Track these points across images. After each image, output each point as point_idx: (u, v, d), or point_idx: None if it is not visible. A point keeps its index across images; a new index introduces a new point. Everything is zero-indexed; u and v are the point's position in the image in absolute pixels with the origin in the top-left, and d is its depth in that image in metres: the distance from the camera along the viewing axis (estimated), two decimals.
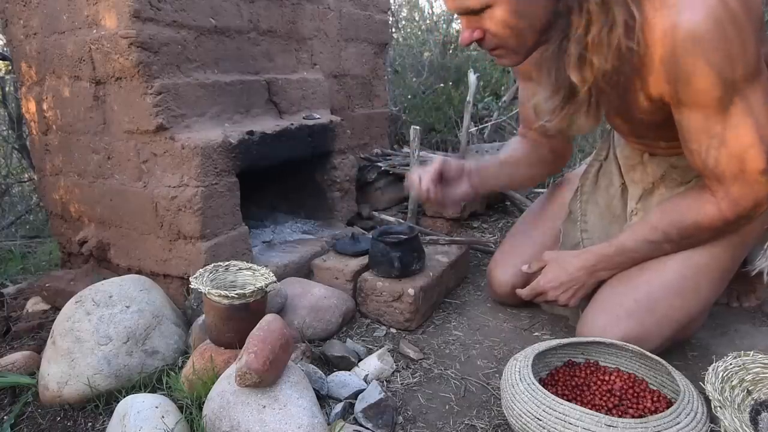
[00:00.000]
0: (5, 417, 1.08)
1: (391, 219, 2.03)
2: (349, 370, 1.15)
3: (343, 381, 1.10)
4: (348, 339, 1.31)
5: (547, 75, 1.00)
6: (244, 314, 1.09)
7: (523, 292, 1.29)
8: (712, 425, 0.83)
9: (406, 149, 2.60)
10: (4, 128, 3.93)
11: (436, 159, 1.27)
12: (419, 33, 4.69)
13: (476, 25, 0.95)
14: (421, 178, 1.23)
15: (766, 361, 0.90)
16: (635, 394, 0.95)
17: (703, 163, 0.99)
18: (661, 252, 1.11)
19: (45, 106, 1.60)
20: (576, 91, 0.97)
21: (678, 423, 0.79)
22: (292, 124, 1.65)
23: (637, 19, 0.88)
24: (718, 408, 0.79)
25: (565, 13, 0.90)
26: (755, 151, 0.93)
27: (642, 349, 0.99)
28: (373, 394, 1.04)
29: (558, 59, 0.95)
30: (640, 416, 0.90)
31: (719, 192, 1.00)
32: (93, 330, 1.13)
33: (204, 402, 0.98)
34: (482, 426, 1.00)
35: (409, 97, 3.81)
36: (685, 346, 1.23)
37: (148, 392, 1.07)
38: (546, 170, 1.47)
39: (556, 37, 0.94)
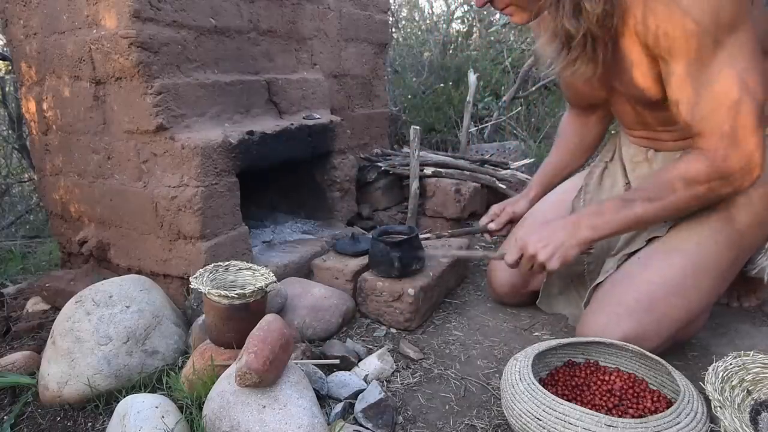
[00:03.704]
0: (5, 417, 1.08)
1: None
2: (349, 370, 1.15)
3: (343, 381, 1.10)
4: (348, 339, 1.31)
5: (545, 25, 1.08)
6: (244, 314, 1.09)
7: (509, 257, 1.18)
8: (712, 425, 0.83)
9: (406, 149, 2.60)
10: (4, 128, 3.93)
11: (504, 211, 1.51)
12: (419, 33, 4.69)
13: None
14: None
15: (766, 361, 0.90)
16: (635, 394, 0.95)
17: (689, 115, 1.00)
18: (636, 217, 1.06)
19: (45, 106, 1.60)
20: (572, 37, 1.03)
21: (678, 423, 0.79)
22: (292, 124, 1.65)
23: None
24: (718, 408, 0.79)
25: None
26: (742, 107, 0.93)
27: (642, 349, 0.99)
28: (373, 394, 1.04)
29: (556, 10, 1.02)
30: (640, 416, 0.90)
31: (704, 147, 0.99)
32: (93, 330, 1.13)
33: (204, 402, 0.98)
34: (482, 426, 1.00)
35: (409, 97, 3.81)
36: (685, 346, 1.23)
37: (148, 392, 1.07)
38: (600, 139, 1.52)
39: None
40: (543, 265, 1.12)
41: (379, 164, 2.22)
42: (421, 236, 1.52)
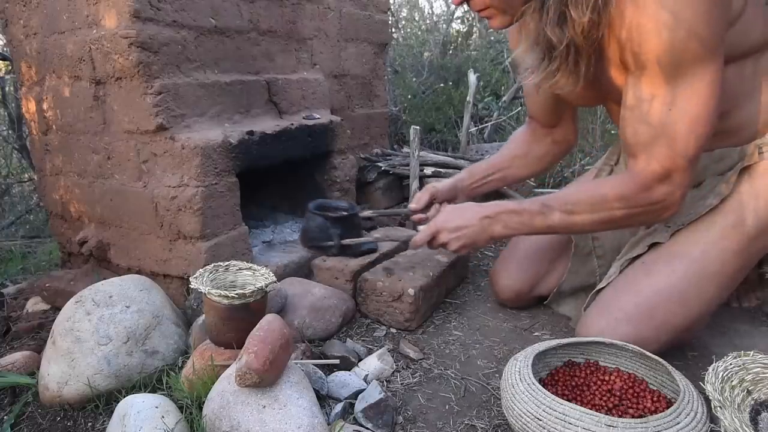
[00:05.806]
0: (5, 417, 1.08)
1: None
2: (349, 370, 1.15)
3: (343, 381, 1.10)
4: (348, 339, 1.31)
5: (527, 31, 1.01)
6: (244, 314, 1.09)
7: (417, 237, 1.23)
8: (712, 425, 0.83)
9: (406, 149, 2.60)
10: (4, 128, 3.94)
11: (425, 188, 1.40)
12: (419, 33, 4.70)
13: None
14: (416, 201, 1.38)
15: (766, 361, 0.90)
16: (635, 394, 0.95)
17: (631, 137, 0.98)
18: (551, 227, 1.08)
19: (45, 106, 1.60)
20: (554, 47, 0.97)
21: (678, 423, 0.79)
22: (292, 124, 1.65)
23: None
24: (718, 408, 0.79)
25: None
26: (682, 144, 0.92)
27: (642, 349, 0.99)
28: (373, 394, 1.04)
29: (539, 16, 0.96)
30: (640, 416, 0.90)
31: (634, 172, 0.99)
32: (93, 330, 1.13)
33: (204, 402, 0.98)
34: (482, 426, 1.00)
35: (409, 97, 3.81)
36: (685, 346, 1.22)
37: (148, 392, 1.07)
38: (548, 162, 1.46)
39: None
40: (456, 251, 1.19)
41: (379, 164, 2.22)
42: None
